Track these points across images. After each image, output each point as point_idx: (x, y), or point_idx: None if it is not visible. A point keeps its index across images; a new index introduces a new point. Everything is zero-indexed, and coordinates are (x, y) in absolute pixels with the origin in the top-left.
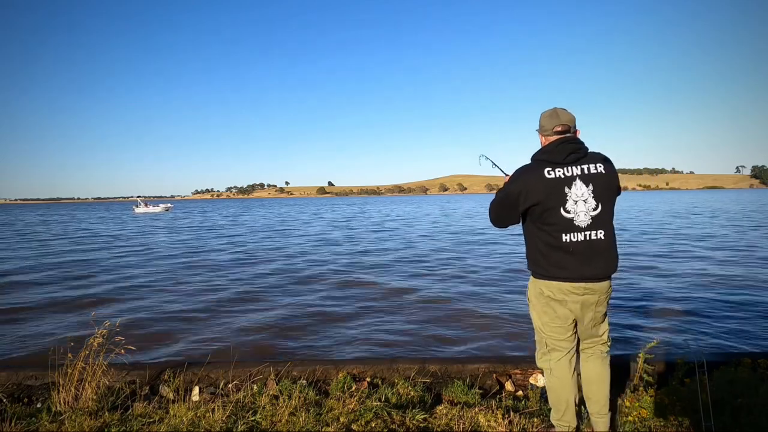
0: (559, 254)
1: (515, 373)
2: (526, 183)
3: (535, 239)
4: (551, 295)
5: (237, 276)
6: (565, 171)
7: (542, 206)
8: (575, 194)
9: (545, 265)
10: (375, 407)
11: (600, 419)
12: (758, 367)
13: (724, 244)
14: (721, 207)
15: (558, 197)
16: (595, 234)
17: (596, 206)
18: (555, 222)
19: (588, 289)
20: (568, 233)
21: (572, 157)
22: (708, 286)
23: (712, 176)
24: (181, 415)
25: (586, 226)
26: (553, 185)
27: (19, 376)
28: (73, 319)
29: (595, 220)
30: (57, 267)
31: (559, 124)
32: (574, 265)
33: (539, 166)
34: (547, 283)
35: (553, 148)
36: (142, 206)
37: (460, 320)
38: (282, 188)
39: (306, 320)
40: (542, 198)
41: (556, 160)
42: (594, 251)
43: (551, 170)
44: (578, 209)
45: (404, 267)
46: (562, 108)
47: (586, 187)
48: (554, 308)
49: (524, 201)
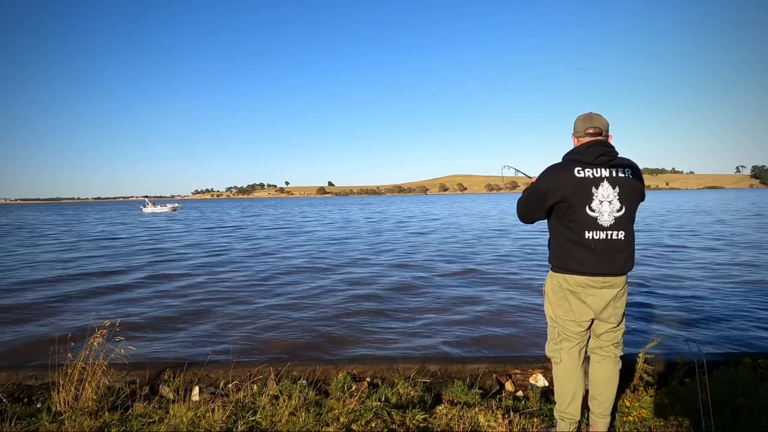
0: (581, 250)
1: (515, 373)
2: (555, 180)
3: (558, 235)
4: (570, 288)
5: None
6: (594, 172)
7: (568, 203)
8: (601, 194)
9: (566, 260)
10: (375, 407)
11: (601, 420)
12: (758, 367)
13: (732, 242)
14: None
15: (585, 196)
16: (616, 234)
17: (620, 208)
18: (579, 219)
19: (606, 283)
20: (591, 231)
21: (602, 159)
22: (713, 286)
23: (712, 176)
24: (181, 415)
25: (608, 226)
26: (581, 184)
27: (19, 376)
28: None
29: (618, 221)
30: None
31: (591, 127)
32: (594, 261)
33: (570, 165)
34: (567, 277)
35: (584, 149)
36: (150, 206)
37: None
38: (282, 188)
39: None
40: (569, 195)
41: (587, 160)
42: (613, 250)
43: (581, 170)
44: (603, 209)
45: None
46: (597, 113)
47: (612, 189)
48: (570, 302)
49: (552, 197)
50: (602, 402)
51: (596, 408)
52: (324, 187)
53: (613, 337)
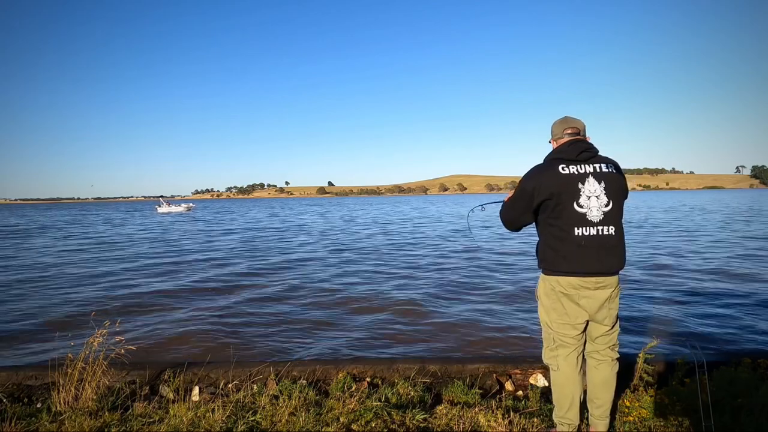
0: (571, 248)
1: (515, 373)
2: (540, 178)
3: (546, 235)
4: (563, 291)
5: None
6: (579, 168)
7: (555, 200)
8: (588, 190)
9: (556, 260)
10: (375, 407)
11: (601, 421)
12: (758, 367)
13: (732, 242)
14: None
15: (572, 192)
16: (607, 230)
17: (608, 203)
18: (568, 216)
19: (599, 283)
20: (580, 227)
21: (585, 155)
22: (714, 285)
23: (712, 176)
24: (181, 415)
25: (598, 221)
26: (567, 180)
27: (19, 376)
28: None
29: (607, 216)
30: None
31: (569, 128)
32: (585, 259)
33: (554, 164)
34: (559, 279)
35: (566, 148)
36: (164, 206)
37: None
38: (282, 188)
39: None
40: (556, 192)
41: (570, 157)
42: (604, 246)
43: (565, 167)
44: (591, 204)
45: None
46: (572, 116)
47: (598, 184)
48: (564, 305)
49: (538, 195)
50: (601, 405)
51: (595, 410)
52: (324, 187)
53: (609, 339)
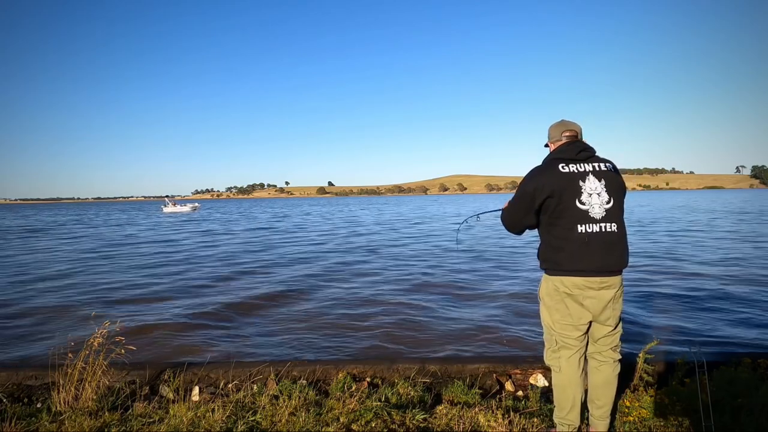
0: (574, 246)
1: (515, 373)
2: (541, 178)
3: (549, 234)
4: (567, 291)
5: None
6: (578, 167)
7: (557, 198)
8: (589, 187)
9: (560, 260)
10: (375, 407)
11: (601, 422)
12: (758, 367)
13: (732, 242)
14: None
15: (573, 189)
16: (609, 226)
17: (609, 200)
18: (570, 214)
19: (604, 283)
20: (583, 224)
21: (583, 154)
22: (715, 285)
23: (712, 176)
24: (181, 415)
25: (600, 218)
26: (568, 178)
27: (19, 376)
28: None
29: (609, 213)
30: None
31: (567, 130)
32: (589, 257)
33: (553, 164)
34: (563, 279)
35: (564, 148)
36: (170, 206)
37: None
38: (282, 188)
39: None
40: (557, 190)
41: (569, 156)
42: (607, 243)
43: (565, 165)
44: (593, 201)
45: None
46: (568, 120)
47: (598, 182)
48: (567, 305)
49: (539, 195)
50: (601, 405)
51: (596, 411)
52: (324, 187)
53: (612, 340)
